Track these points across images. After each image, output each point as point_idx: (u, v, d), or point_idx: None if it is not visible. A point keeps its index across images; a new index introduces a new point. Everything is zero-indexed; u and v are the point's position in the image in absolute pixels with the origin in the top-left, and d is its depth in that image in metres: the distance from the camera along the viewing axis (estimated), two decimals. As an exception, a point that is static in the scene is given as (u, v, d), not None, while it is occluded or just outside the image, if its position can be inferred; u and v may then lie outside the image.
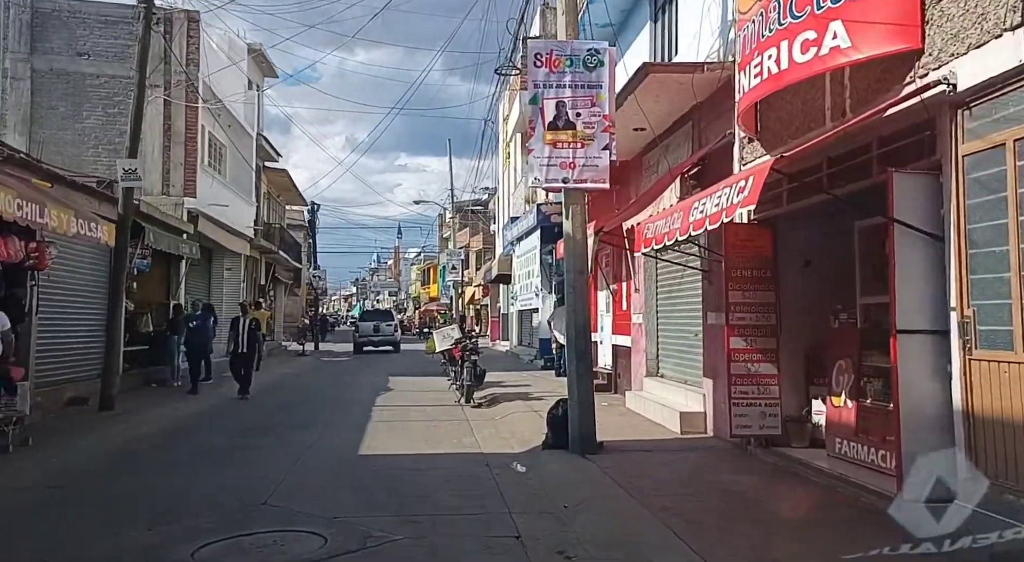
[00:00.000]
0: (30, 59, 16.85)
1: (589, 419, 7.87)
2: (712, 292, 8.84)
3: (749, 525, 5.16)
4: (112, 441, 9.08)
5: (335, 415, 11.71)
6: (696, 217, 5.91)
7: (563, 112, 7.92)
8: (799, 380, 7.77)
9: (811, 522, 5.31)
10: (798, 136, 6.59)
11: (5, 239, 8.37)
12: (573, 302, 8.08)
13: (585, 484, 6.46)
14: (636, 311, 12.47)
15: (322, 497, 6.28)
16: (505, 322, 33.72)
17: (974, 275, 4.70)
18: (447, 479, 7.04)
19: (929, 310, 4.98)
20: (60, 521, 5.65)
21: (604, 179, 7.96)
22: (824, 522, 5.25)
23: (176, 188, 17.90)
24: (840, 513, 5.40)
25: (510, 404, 12.41)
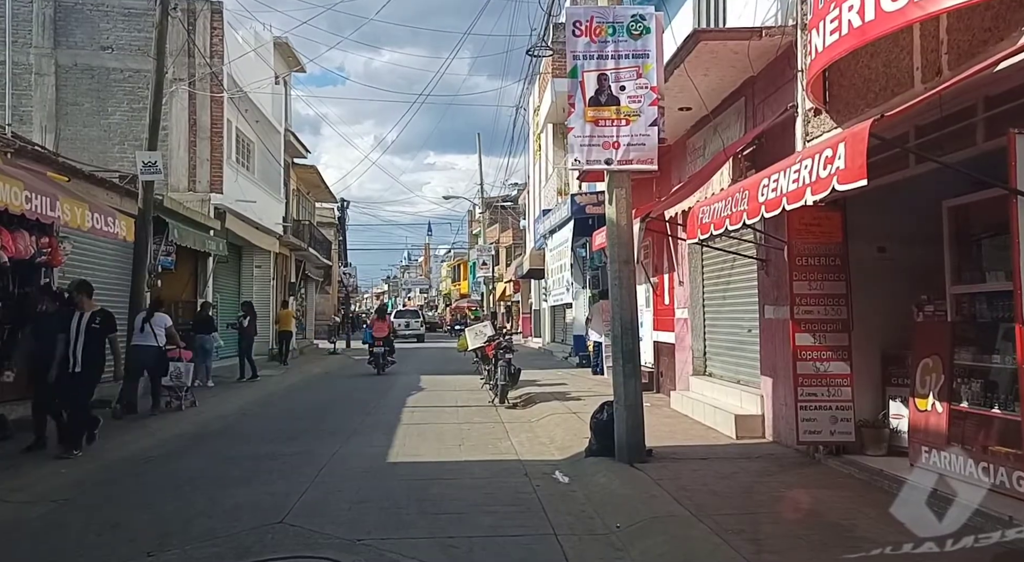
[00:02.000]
0: (54, 54, 16.59)
1: (638, 424, 7.13)
2: (770, 283, 8.04)
3: (839, 552, 4.38)
4: (128, 448, 8.60)
5: (364, 417, 11.15)
6: (768, 196, 5.14)
7: (606, 86, 7.19)
8: (875, 380, 6.95)
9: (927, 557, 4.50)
10: (879, 103, 5.77)
11: (14, 234, 7.92)
12: (619, 296, 7.34)
13: (638, 500, 5.74)
14: (680, 305, 11.68)
15: (346, 515, 5.66)
16: (537, 318, 33.03)
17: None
18: (483, 492, 6.37)
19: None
20: (56, 543, 5.11)
21: (652, 159, 7.21)
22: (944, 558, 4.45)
23: (202, 184, 17.53)
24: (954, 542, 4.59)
25: (546, 405, 11.73)
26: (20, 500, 6.13)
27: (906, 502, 5.03)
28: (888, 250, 6.95)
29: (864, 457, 6.59)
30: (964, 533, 2.98)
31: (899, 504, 4.90)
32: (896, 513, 4.99)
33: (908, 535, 4.55)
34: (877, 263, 6.94)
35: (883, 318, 6.86)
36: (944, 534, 4.47)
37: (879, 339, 6.92)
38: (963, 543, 2.89)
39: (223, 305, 19.13)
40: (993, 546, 2.85)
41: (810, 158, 4.61)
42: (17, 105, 16.25)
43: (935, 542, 3.01)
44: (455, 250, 67.94)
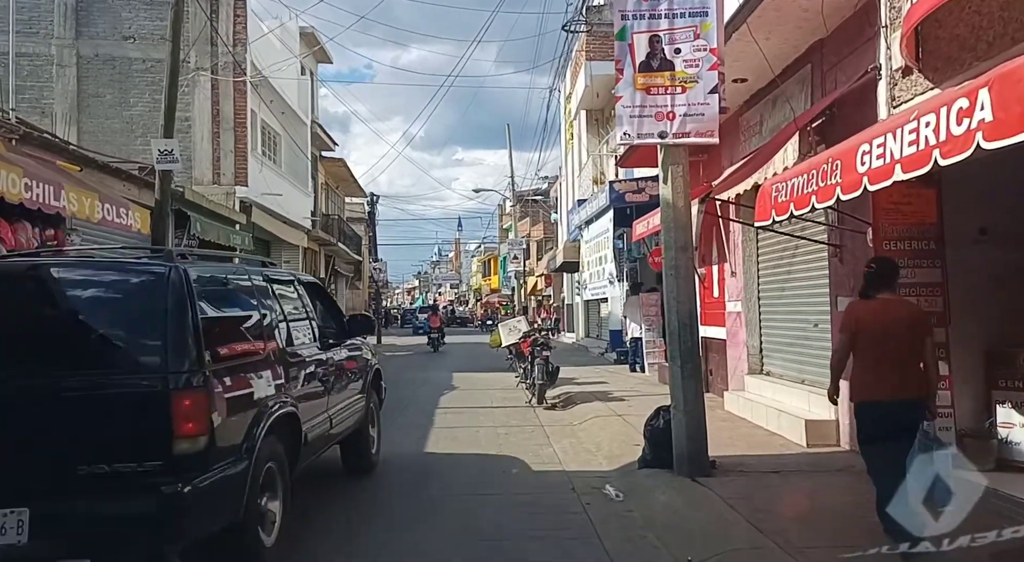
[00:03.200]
0: (75, 45, 16.20)
1: (700, 433, 6.30)
2: (846, 272, 7.12)
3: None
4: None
5: (394, 418, 10.45)
6: (873, 165, 4.25)
7: (658, 49, 6.34)
8: (977, 383, 6.01)
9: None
10: (992, 56, 4.84)
11: (14, 226, 7.34)
12: (675, 286, 6.50)
13: (709, 525, 4.92)
14: (732, 298, 10.76)
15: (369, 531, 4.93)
16: (570, 312, 32.19)
17: None
18: (527, 510, 5.61)
19: None
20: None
21: (712, 131, 6.36)
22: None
23: (227, 176, 17.03)
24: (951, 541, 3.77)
25: (588, 406, 10.93)
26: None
27: (1014, 522, 4.17)
28: (991, 231, 6.00)
29: (967, 472, 5.66)
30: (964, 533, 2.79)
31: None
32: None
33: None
34: (979, 247, 6.00)
35: (987, 310, 5.93)
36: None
37: (983, 334, 5.98)
38: (959, 543, 2.79)
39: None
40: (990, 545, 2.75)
41: (933, 113, 3.72)
42: (39, 97, 15.89)
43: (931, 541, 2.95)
44: (485, 245, 67.36)
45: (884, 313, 4.44)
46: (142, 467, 3.43)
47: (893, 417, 4.26)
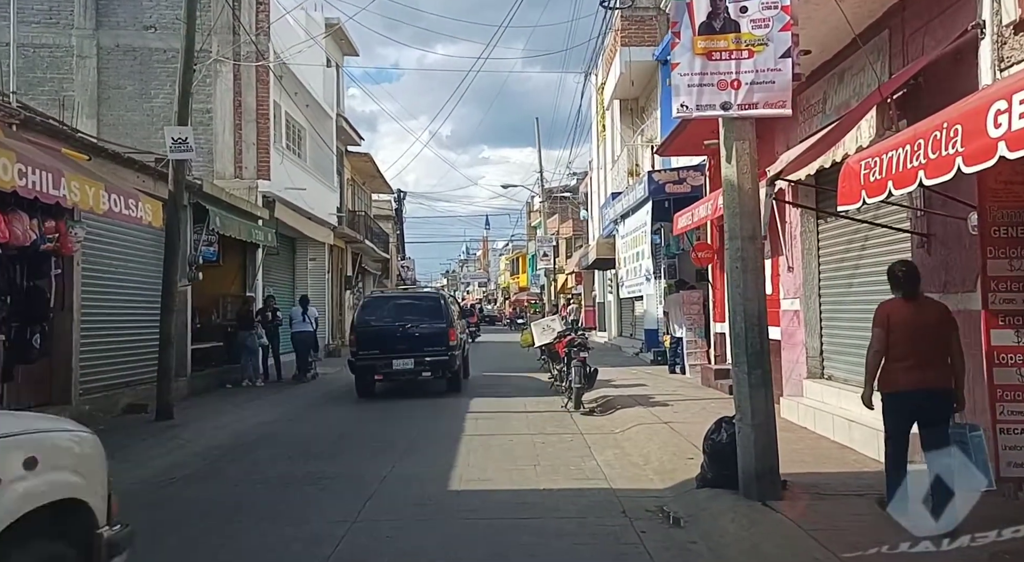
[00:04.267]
0: (96, 35, 15.76)
1: (770, 449, 5.46)
2: (935, 264, 6.21)
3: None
4: (153, 464, 7.42)
5: (421, 426, 9.77)
6: (1014, 126, 3.41)
7: (721, 7, 5.52)
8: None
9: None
10: None
11: (8, 216, 6.75)
12: (741, 281, 5.67)
13: (791, 560, 4.10)
14: (788, 296, 9.86)
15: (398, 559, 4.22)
16: (602, 311, 31.30)
17: None
18: (571, 537, 4.85)
19: None
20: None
21: (784, 101, 5.52)
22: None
23: (249, 170, 16.48)
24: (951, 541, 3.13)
25: (629, 411, 10.12)
26: None
27: None
28: (1120, 215, 5.08)
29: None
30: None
31: None
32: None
33: None
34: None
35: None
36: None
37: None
38: (959, 542, 2.84)
39: (278, 300, 18.12)
40: (990, 545, 2.81)
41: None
42: (59, 89, 15.47)
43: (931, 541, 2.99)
44: (513, 243, 66.66)
45: (915, 311, 4.88)
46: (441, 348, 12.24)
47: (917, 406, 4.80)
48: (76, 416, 9.07)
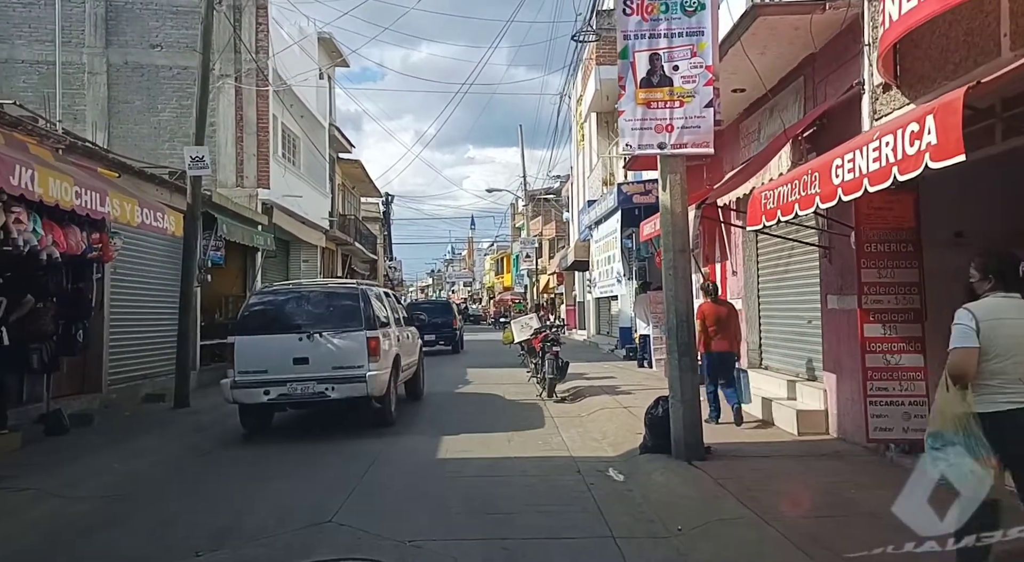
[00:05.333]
0: (105, 53, 16.89)
1: (695, 421, 6.83)
2: (834, 272, 7.62)
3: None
4: (180, 443, 8.65)
5: (411, 411, 11.05)
6: (845, 178, 4.77)
7: (658, 66, 6.86)
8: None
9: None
10: (959, 75, 5.34)
11: (65, 230, 7.98)
12: (674, 286, 7.03)
13: (700, 501, 5.46)
14: (733, 296, 11.22)
15: (395, 514, 5.53)
16: (581, 310, 32.68)
17: None
18: (536, 490, 6.18)
19: None
20: (107, 540, 5.09)
21: (708, 142, 6.87)
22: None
23: (250, 179, 17.68)
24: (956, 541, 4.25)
25: (596, 399, 11.46)
26: (75, 495, 6.15)
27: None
28: (967, 235, 6.48)
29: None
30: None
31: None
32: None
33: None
34: (954, 249, 6.46)
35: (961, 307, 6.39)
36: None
37: (957, 331, 6.45)
38: (964, 542, 2.80)
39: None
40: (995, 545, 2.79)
41: (891, 134, 4.24)
42: (71, 104, 16.59)
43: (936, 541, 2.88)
44: (498, 243, 67.89)
45: (717, 308, 8.90)
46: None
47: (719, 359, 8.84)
48: (105, 404, 10.33)
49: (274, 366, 8.84)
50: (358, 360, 8.89)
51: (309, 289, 10.18)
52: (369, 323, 9.18)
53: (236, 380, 8.89)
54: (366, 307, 9.36)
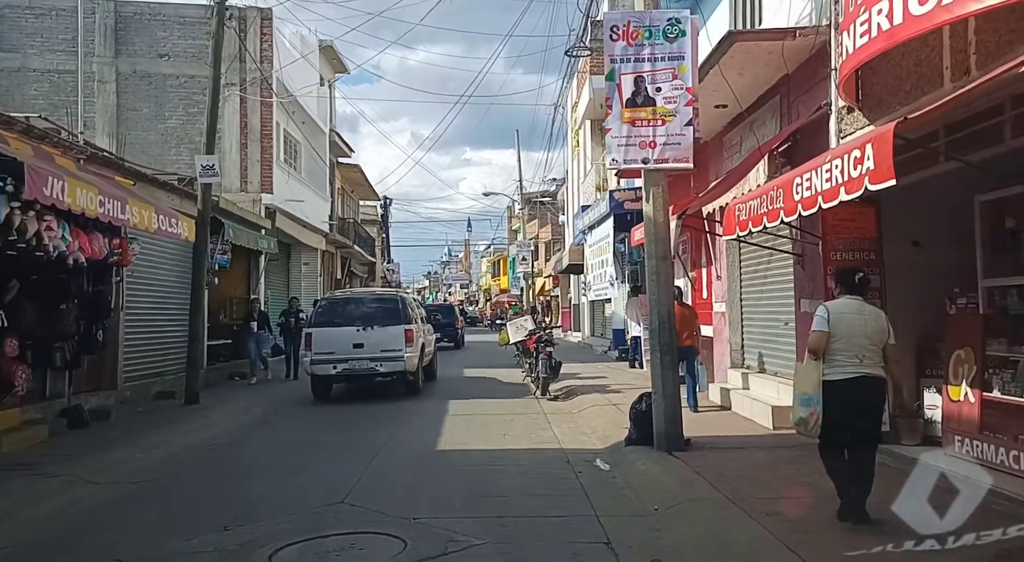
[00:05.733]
0: (115, 62, 17.45)
1: (675, 414, 7.41)
2: (806, 277, 8.21)
3: (880, 540, 4.60)
4: (195, 436, 9.19)
5: (412, 407, 11.61)
6: (804, 195, 5.36)
7: (642, 87, 7.45)
8: (909, 371, 7.07)
9: (928, 554, 4.71)
10: (909, 101, 5.93)
11: (89, 236, 8.52)
12: (656, 291, 7.61)
13: (676, 485, 6.04)
14: (718, 299, 11.85)
15: (400, 496, 6.09)
16: (577, 312, 33.25)
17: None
18: (528, 477, 6.74)
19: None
20: (138, 519, 5.64)
21: (687, 158, 7.45)
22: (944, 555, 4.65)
23: (253, 185, 18.24)
24: (982, 523, 4.79)
25: (587, 397, 12.02)
26: (104, 481, 6.70)
27: (933, 488, 5.22)
28: (923, 244, 7.07)
29: (899, 447, 6.73)
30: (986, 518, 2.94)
31: (925, 489, 5.09)
32: (924, 499, 5.20)
33: (931, 520, 4.77)
34: (911, 257, 7.07)
35: (918, 311, 6.98)
36: (965, 517, 4.73)
37: (914, 331, 7.03)
38: (964, 540, 2.84)
39: (273, 301, 19.88)
40: (994, 543, 2.84)
41: (840, 158, 4.83)
42: (82, 112, 17.12)
43: (936, 539, 2.96)
44: (495, 246, 68.46)
45: (681, 311, 9.42)
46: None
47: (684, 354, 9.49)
48: (121, 400, 10.86)
49: (339, 349, 12.18)
50: (398, 345, 12.23)
51: (361, 295, 14.40)
52: (406, 320, 12.67)
53: (312, 358, 12.23)
54: (404, 308, 12.98)
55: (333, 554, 4.64)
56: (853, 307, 4.95)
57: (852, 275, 5.15)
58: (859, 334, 4.83)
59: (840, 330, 4.81)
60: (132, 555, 4.72)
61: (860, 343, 4.82)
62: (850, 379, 4.77)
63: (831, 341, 4.79)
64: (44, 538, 5.16)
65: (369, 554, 4.64)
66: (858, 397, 4.80)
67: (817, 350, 4.85)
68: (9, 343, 8.69)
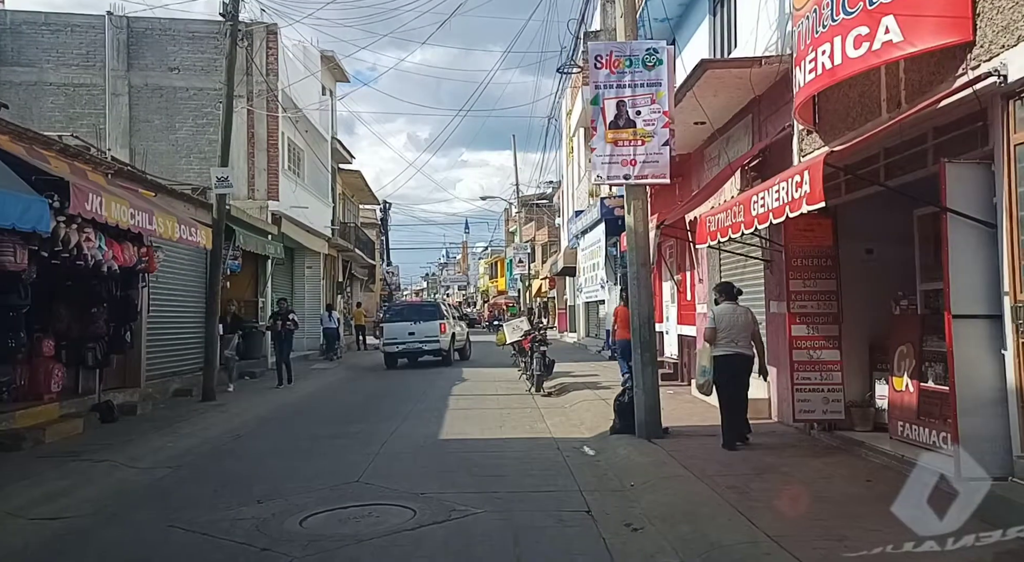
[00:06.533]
0: (127, 76, 18.23)
1: (654, 405, 8.22)
2: (773, 281, 9.02)
3: (814, 504, 5.42)
4: (216, 428, 9.99)
5: (414, 404, 12.41)
6: (759, 211, 6.18)
7: (623, 111, 8.26)
8: (862, 365, 7.91)
9: (874, 501, 5.52)
10: (855, 127, 6.75)
11: (121, 246, 9.31)
12: (637, 294, 8.43)
13: (651, 466, 6.85)
14: (700, 301, 12.64)
15: (409, 476, 6.89)
16: (572, 314, 34.06)
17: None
18: (521, 461, 7.54)
19: (983, 295, 5.14)
20: (180, 495, 6.43)
21: (664, 174, 8.27)
22: (886, 500, 5.46)
23: (260, 192, 19.03)
24: (903, 493, 5.60)
25: (579, 393, 12.83)
26: (143, 466, 7.49)
27: (867, 463, 6.04)
28: (875, 252, 7.88)
29: (852, 432, 7.57)
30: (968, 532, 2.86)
31: (862, 466, 5.91)
32: (854, 472, 6.05)
33: (858, 487, 5.62)
34: (865, 263, 7.88)
35: (870, 311, 7.80)
36: (878, 484, 5.52)
37: (867, 330, 7.87)
38: (963, 542, 2.83)
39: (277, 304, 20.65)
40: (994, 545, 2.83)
41: (785, 181, 5.65)
42: (96, 123, 17.91)
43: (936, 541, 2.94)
44: (492, 247, 69.26)
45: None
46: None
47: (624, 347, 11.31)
48: (144, 397, 11.65)
49: (400, 336, 19.68)
50: (436, 333, 19.67)
51: (413, 302, 31.17)
52: (441, 317, 20.55)
53: (384, 342, 20.21)
54: (440, 310, 21.53)
55: (354, 520, 5.44)
56: (729, 309, 7.71)
57: (730, 288, 7.97)
58: (734, 326, 7.57)
59: (722, 324, 7.59)
60: (183, 522, 5.51)
61: (735, 332, 7.55)
62: (728, 355, 7.55)
63: (718, 333, 7.57)
64: (102, 510, 5.96)
65: (385, 520, 5.43)
66: (733, 365, 7.58)
67: (709, 340, 7.66)
68: (46, 344, 9.51)
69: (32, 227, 6.83)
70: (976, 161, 5.24)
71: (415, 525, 5.29)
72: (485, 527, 5.27)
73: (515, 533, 5.08)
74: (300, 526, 5.31)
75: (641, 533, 5.04)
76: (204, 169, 17.29)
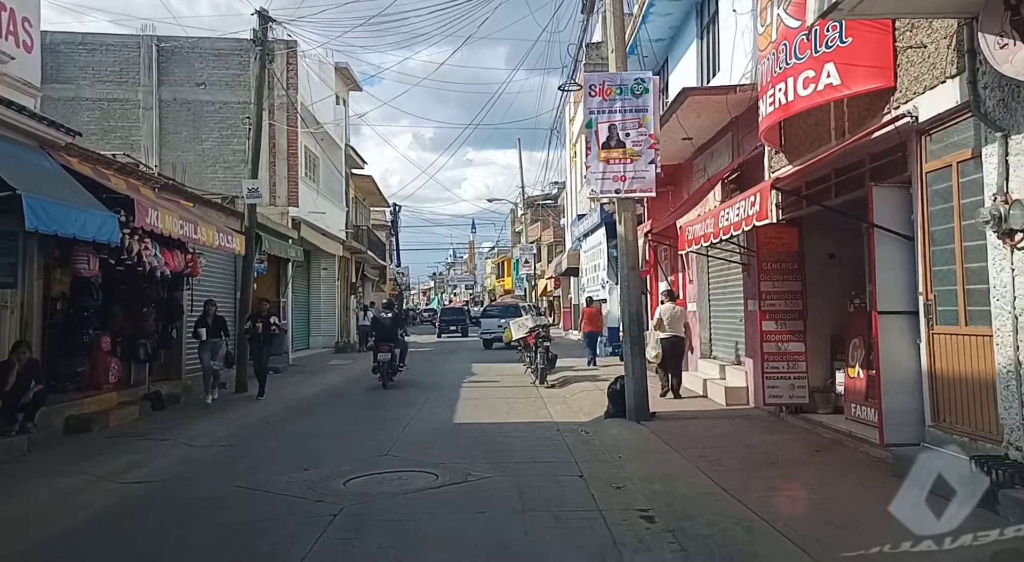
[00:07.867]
0: (158, 91, 19.47)
1: (643, 392, 9.36)
2: (749, 282, 10.13)
3: (766, 468, 6.56)
4: (254, 415, 11.18)
5: (429, 394, 13.58)
6: (724, 223, 7.32)
7: (614, 133, 9.40)
8: (825, 356, 9.02)
9: (815, 464, 6.66)
10: (812, 150, 7.87)
11: (171, 253, 10.51)
12: (627, 294, 9.56)
13: (637, 442, 7.99)
14: (691, 300, 13.77)
15: (429, 450, 8.05)
16: (577, 313, 35.10)
17: (935, 267, 5.97)
18: (525, 439, 8.70)
19: (903, 295, 6.26)
20: (237, 465, 7.60)
21: (650, 189, 9.40)
22: (825, 464, 6.61)
23: (281, 199, 20.24)
24: (840, 459, 6.75)
25: (579, 385, 13.97)
26: (199, 445, 8.68)
27: (821, 438, 7.16)
28: (836, 256, 8.99)
29: (815, 415, 8.69)
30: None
31: (816, 440, 7.02)
32: (808, 446, 7.17)
33: (809, 456, 6.75)
34: (827, 267, 8.99)
35: (831, 309, 8.91)
36: (825, 453, 6.64)
37: (828, 325, 8.99)
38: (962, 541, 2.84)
39: (296, 304, 21.86)
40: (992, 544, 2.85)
41: (743, 200, 6.78)
42: (128, 135, 19.17)
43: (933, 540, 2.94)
44: (499, 247, 70.35)
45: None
46: None
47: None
48: (184, 389, 12.84)
49: (491, 328, 26.92)
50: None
51: (502, 303, 35.44)
52: (519, 315, 23.79)
53: (483, 331, 28.03)
54: (519, 309, 28.33)
55: (388, 482, 6.61)
56: (671, 306, 11.51)
57: (671, 293, 11.89)
58: (674, 319, 11.32)
59: (667, 317, 11.27)
60: (245, 484, 6.68)
61: (674, 323, 11.24)
62: (670, 338, 11.16)
63: (664, 323, 11.20)
64: (175, 476, 7.15)
65: (413, 482, 6.59)
66: (674, 345, 11.22)
67: (657, 327, 11.35)
68: (105, 340, 10.71)
69: (107, 239, 8.02)
70: (898, 185, 6.36)
71: (439, 484, 6.45)
72: (495, 487, 6.42)
73: (520, 491, 6.22)
74: (343, 486, 6.47)
75: (623, 490, 6.18)
76: (229, 178, 18.54)
